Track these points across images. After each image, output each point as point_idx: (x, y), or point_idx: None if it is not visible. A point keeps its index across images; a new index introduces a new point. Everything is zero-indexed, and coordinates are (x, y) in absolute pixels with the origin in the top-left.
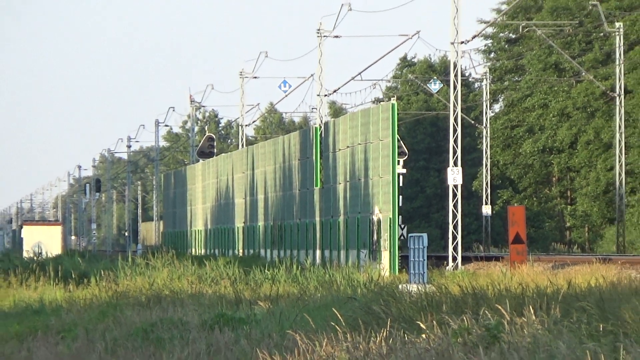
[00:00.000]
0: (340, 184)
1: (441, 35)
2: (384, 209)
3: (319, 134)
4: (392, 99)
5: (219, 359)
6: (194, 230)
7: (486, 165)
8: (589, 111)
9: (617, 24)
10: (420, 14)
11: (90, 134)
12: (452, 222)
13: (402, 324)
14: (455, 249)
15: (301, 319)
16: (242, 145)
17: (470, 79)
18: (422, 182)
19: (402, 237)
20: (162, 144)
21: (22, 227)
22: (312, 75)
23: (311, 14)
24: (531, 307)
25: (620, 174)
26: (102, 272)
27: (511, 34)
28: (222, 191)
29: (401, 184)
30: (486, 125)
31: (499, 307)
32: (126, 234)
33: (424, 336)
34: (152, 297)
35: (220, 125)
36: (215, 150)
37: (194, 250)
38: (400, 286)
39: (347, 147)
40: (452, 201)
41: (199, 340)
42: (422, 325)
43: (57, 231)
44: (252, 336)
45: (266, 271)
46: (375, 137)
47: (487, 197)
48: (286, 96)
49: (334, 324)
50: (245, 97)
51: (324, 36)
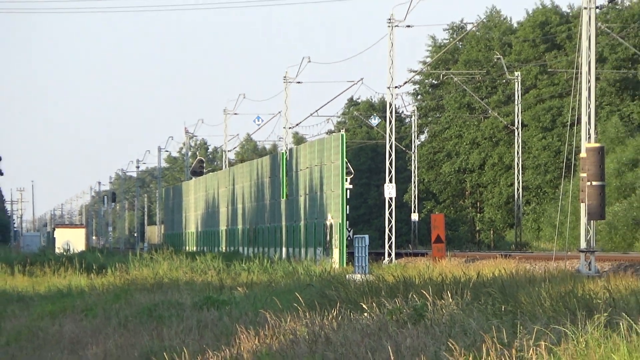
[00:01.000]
0: (301, 196)
1: (380, 81)
2: (334, 215)
3: (284, 157)
4: (341, 131)
5: (206, 332)
6: (187, 232)
7: (414, 182)
8: (494, 140)
9: (515, 73)
10: (363, 65)
11: (108, 157)
12: (388, 226)
13: (348, 305)
14: (390, 247)
15: (270, 301)
16: (225, 166)
17: (402, 115)
18: (364, 195)
19: (349, 238)
20: (163, 165)
21: (54, 230)
22: (279, 112)
23: (279, 64)
24: (449, 292)
25: (518, 189)
26: (117, 265)
27: (434, 81)
28: (210, 202)
29: (348, 197)
30: (414, 151)
31: (424, 292)
32: (135, 235)
33: (365, 315)
34: (155, 283)
35: (208, 150)
36: (204, 170)
37: (187, 247)
38: (347, 276)
39: (307, 167)
40: (388, 210)
41: (191, 317)
42: (364, 306)
43: (81, 233)
44: (232, 314)
45: (243, 264)
46: (328, 160)
47: (415, 207)
48: (259, 128)
49: (296, 305)
50: (227, 129)
51: (289, 82)
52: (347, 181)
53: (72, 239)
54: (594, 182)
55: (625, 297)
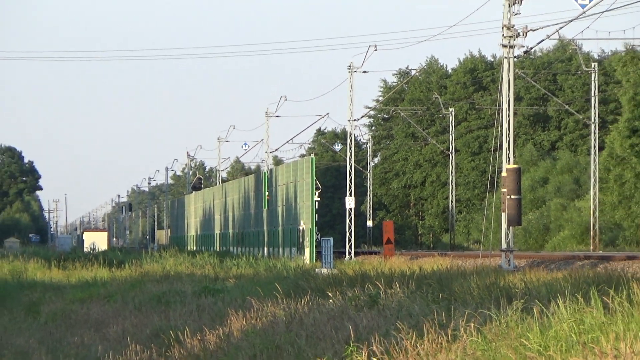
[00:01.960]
0: (279, 206)
1: (342, 115)
2: (306, 222)
3: (266, 176)
4: (311, 155)
5: (204, 315)
6: (189, 235)
7: (369, 195)
8: (432, 162)
9: (450, 109)
10: (329, 102)
11: (125, 175)
12: (348, 230)
13: (317, 293)
14: (350, 247)
15: (255, 290)
16: (219, 182)
17: (360, 142)
18: (330, 206)
19: (317, 240)
20: (170, 182)
21: (83, 233)
22: (262, 139)
23: (262, 102)
24: (397, 283)
25: (452, 201)
26: (132, 261)
27: (385, 115)
28: (207, 211)
29: (317, 207)
30: (369, 170)
31: (377, 283)
32: (147, 237)
33: (330, 301)
34: (163, 276)
35: (205, 170)
36: (202, 186)
37: (189, 247)
38: (316, 270)
39: (284, 184)
40: (348, 218)
41: (191, 302)
42: (329, 294)
43: (104, 235)
44: (225, 300)
45: (233, 260)
46: (301, 178)
47: (369, 215)
48: (246, 152)
49: (275, 293)
50: (221, 153)
51: (270, 116)
52: (316, 195)
53: (97, 241)
54: (513, 196)
55: (537, 287)
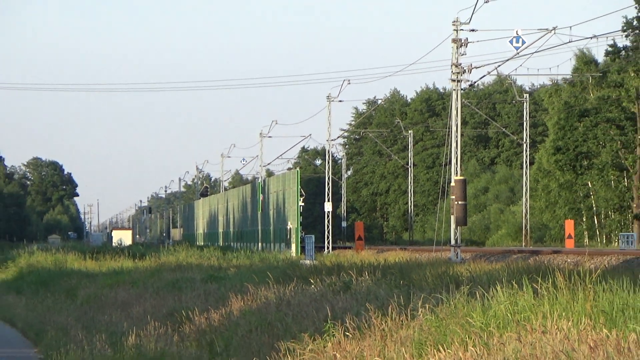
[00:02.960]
0: (271, 210)
1: (322, 135)
2: (292, 223)
3: (260, 185)
4: (297, 168)
5: (210, 297)
6: (197, 232)
7: (343, 201)
8: (395, 175)
9: (409, 131)
10: (311, 125)
11: (146, 184)
12: (327, 229)
13: (301, 280)
14: (328, 243)
15: (251, 277)
16: (222, 190)
17: (336, 158)
18: (312, 210)
19: (302, 237)
20: (182, 189)
21: (112, 231)
22: (257, 155)
23: (257, 125)
24: (366, 272)
25: (410, 206)
26: (152, 253)
27: (357, 136)
28: (212, 213)
29: (301, 211)
30: (343, 181)
31: (350, 272)
32: (164, 234)
33: (312, 286)
34: (177, 266)
35: (211, 180)
36: (208, 193)
37: (197, 242)
38: (300, 261)
39: (275, 192)
40: (327, 219)
41: (200, 287)
42: (311, 280)
43: (129, 233)
44: (226, 286)
45: (233, 253)
46: (288, 187)
47: (344, 217)
48: (244, 166)
49: (267, 280)
50: (223, 167)
51: (264, 136)
52: (300, 200)
53: (123, 237)
54: (460, 202)
55: (480, 276)
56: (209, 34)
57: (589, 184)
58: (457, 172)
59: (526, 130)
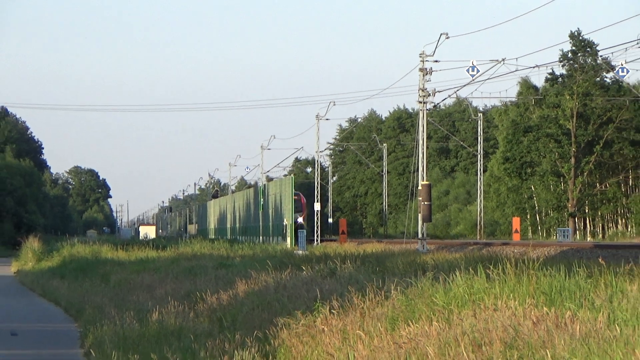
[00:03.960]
0: (270, 209)
1: (312, 147)
2: (287, 219)
3: (261, 189)
4: (291, 175)
5: (219, 282)
6: (209, 228)
7: (330, 202)
8: (372, 180)
9: (384, 144)
10: (304, 139)
11: (167, 187)
12: (316, 225)
13: (295, 267)
14: (317, 236)
15: (253, 265)
16: (229, 193)
17: (324, 166)
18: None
19: (297, 232)
20: (197, 192)
21: (139, 226)
22: (258, 164)
23: (258, 139)
24: (348, 260)
25: (385, 206)
26: (172, 245)
27: (340, 148)
28: (221, 212)
29: (293, 212)
30: (330, 185)
31: (335, 260)
32: (182, 229)
33: (304, 272)
34: (192, 255)
35: (220, 184)
36: (218, 195)
37: (210, 236)
38: (294, 252)
39: (273, 194)
40: (316, 216)
41: (211, 273)
42: (303, 267)
43: (153, 228)
44: (233, 272)
45: (239, 245)
46: (284, 190)
47: (330, 215)
48: (248, 173)
49: (267, 267)
50: (231, 174)
51: (264, 148)
52: (292, 200)
53: (148, 232)
54: (425, 202)
55: (442, 263)
56: (220, 64)
57: (532, 188)
58: (423, 178)
59: (480, 143)
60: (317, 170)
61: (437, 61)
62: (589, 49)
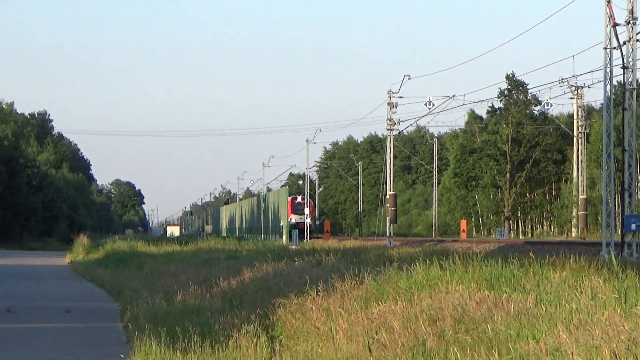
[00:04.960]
0: (270, 213)
1: (302, 165)
2: (283, 221)
3: (263, 197)
4: (286, 186)
5: (230, 270)
6: (222, 228)
7: (317, 208)
8: (350, 191)
9: (359, 162)
10: (295, 158)
11: (188, 196)
12: (306, 225)
13: (289, 258)
14: (307, 234)
15: (257, 256)
16: (238, 200)
17: (312, 179)
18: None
19: (290, 231)
20: (212, 200)
21: (167, 227)
22: (260, 178)
23: (260, 158)
24: (331, 253)
25: (360, 211)
26: (192, 241)
27: (325, 165)
28: (231, 215)
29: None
30: (317, 195)
31: (321, 253)
32: (200, 229)
33: (296, 262)
34: (208, 249)
35: (231, 194)
36: (229, 202)
37: (222, 234)
38: (289, 247)
39: (272, 201)
40: (306, 220)
41: (223, 263)
42: (296, 259)
43: (178, 228)
44: (241, 262)
45: (245, 241)
46: (281, 199)
47: (317, 218)
48: (252, 185)
49: (267, 258)
50: (239, 185)
51: (265, 165)
52: (287, 207)
53: (174, 231)
54: (392, 208)
55: (405, 256)
56: (233, 100)
57: (476, 197)
58: (390, 189)
59: (435, 162)
60: (307, 182)
61: (401, 97)
62: (521, 87)
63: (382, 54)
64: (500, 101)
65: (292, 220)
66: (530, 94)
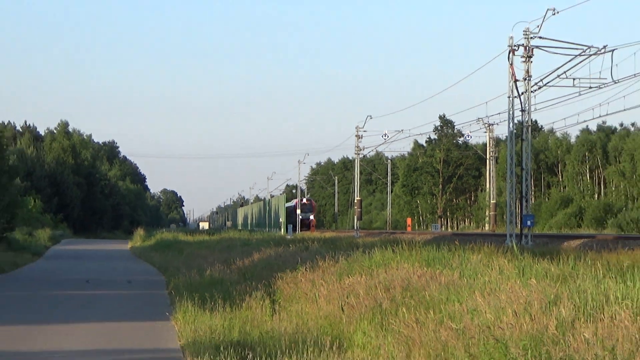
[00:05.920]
0: (272, 212)
1: (296, 178)
2: (282, 219)
3: (267, 201)
4: (284, 194)
5: (244, 253)
6: (238, 223)
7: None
8: (329, 196)
9: (335, 177)
10: (291, 174)
11: (215, 201)
12: (297, 221)
13: (286, 245)
14: (298, 228)
15: (263, 243)
16: (250, 203)
17: (302, 189)
18: (292, 215)
19: (287, 227)
20: (231, 203)
21: (199, 222)
22: (265, 188)
23: (264, 175)
24: (315, 242)
25: (336, 211)
26: (217, 233)
27: (312, 179)
28: (245, 214)
29: (285, 214)
30: (305, 200)
31: (309, 241)
32: (223, 224)
33: (291, 247)
34: (229, 238)
35: (244, 199)
36: (244, 205)
37: (238, 228)
38: (286, 237)
39: (274, 205)
40: (297, 218)
41: (239, 248)
42: (290, 245)
43: (207, 223)
44: (251, 247)
45: (255, 233)
46: (280, 203)
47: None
48: (260, 192)
49: (270, 244)
50: (250, 193)
51: (269, 179)
52: (284, 208)
53: (204, 225)
54: (358, 209)
55: (367, 243)
56: (247, 131)
57: (418, 202)
58: (357, 196)
59: (389, 177)
60: (299, 191)
61: (365, 131)
62: (449, 124)
63: (353, 100)
64: (435, 134)
65: (300, 216)
66: (455, 129)
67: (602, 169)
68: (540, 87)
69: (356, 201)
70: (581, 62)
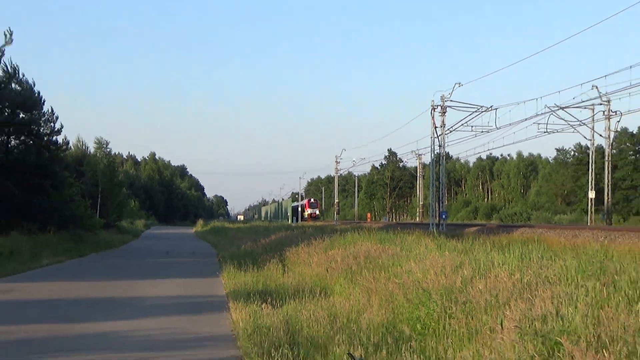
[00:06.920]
0: (283, 210)
1: (298, 187)
2: (289, 214)
3: (280, 203)
4: (290, 198)
5: (265, 235)
6: (262, 216)
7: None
8: (320, 198)
9: (322, 188)
10: (295, 185)
11: (246, 202)
12: (299, 215)
13: (291, 230)
14: (299, 219)
15: (277, 228)
16: (269, 204)
17: (302, 195)
18: (295, 213)
19: (293, 218)
20: (257, 203)
21: (237, 216)
22: (279, 194)
23: (277, 185)
24: (310, 228)
25: (323, 209)
26: (249, 222)
27: (308, 190)
28: (266, 211)
29: (291, 211)
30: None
31: (306, 228)
32: (253, 217)
33: (295, 231)
34: (256, 226)
35: (266, 201)
36: (265, 204)
37: (259, 224)
38: (291, 225)
39: (284, 205)
40: (300, 215)
41: (262, 232)
42: (295, 230)
43: (242, 216)
44: (269, 231)
45: (272, 222)
46: (288, 204)
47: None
48: (276, 197)
49: (282, 229)
50: (270, 197)
51: (281, 188)
52: (291, 207)
53: (241, 218)
54: (337, 208)
55: (343, 229)
56: (262, 157)
57: (374, 203)
58: (336, 199)
59: (356, 187)
60: (300, 196)
61: (342, 158)
62: (394, 154)
63: (334, 137)
64: (385, 160)
65: (309, 211)
66: (398, 157)
67: (489, 182)
68: (451, 131)
69: (336, 203)
70: (477, 115)
